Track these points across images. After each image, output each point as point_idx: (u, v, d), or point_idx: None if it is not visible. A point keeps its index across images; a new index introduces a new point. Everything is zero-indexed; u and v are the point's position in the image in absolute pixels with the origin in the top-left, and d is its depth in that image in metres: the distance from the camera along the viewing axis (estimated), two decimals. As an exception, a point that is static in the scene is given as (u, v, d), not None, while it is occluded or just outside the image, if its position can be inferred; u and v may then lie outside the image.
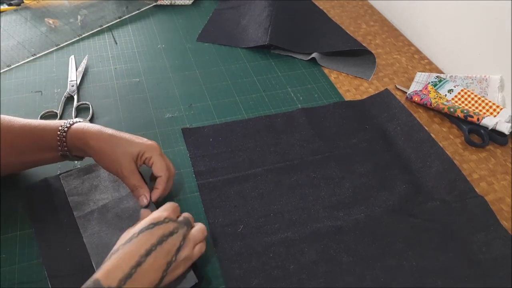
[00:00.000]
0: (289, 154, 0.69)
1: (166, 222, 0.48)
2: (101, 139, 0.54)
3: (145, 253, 0.44)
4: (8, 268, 0.51)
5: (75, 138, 0.54)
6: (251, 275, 0.53)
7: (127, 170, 0.54)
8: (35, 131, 0.54)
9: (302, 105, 0.79)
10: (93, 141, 0.53)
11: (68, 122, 0.55)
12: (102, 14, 0.97)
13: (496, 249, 0.57)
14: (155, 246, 0.45)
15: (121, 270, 0.42)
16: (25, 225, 0.56)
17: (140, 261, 0.44)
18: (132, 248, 0.45)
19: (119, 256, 0.44)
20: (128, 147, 0.54)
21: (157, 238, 0.46)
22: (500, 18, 0.76)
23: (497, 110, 0.77)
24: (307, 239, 0.57)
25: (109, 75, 0.82)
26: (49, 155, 0.56)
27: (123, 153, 0.53)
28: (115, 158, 0.53)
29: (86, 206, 0.57)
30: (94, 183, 0.60)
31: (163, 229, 0.47)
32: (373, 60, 0.91)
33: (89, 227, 0.55)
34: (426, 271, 0.55)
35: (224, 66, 0.87)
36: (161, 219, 0.48)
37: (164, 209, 0.50)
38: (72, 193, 0.58)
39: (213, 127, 0.72)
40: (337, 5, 1.12)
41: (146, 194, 0.55)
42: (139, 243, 0.45)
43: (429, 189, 0.65)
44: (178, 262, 0.47)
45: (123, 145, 0.54)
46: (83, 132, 0.54)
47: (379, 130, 0.75)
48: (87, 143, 0.54)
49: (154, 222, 0.47)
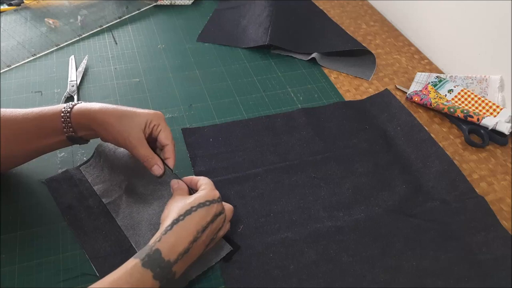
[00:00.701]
0: (289, 154, 0.69)
1: (218, 202, 0.50)
2: (106, 111, 0.53)
3: (202, 229, 0.46)
4: (8, 268, 0.51)
5: (79, 117, 0.53)
6: (251, 275, 0.53)
7: (136, 140, 0.53)
8: (38, 117, 0.54)
9: (302, 105, 0.79)
10: (98, 114, 0.53)
11: (70, 103, 0.55)
12: (102, 14, 0.97)
13: (496, 249, 0.57)
14: (208, 223, 0.47)
15: (181, 245, 0.44)
16: (25, 225, 0.56)
17: (197, 237, 0.46)
18: (192, 222, 0.46)
19: (180, 229, 0.45)
20: (134, 117, 0.54)
21: (211, 217, 0.48)
22: (500, 18, 0.76)
23: (497, 110, 0.77)
24: (307, 239, 0.57)
25: (109, 75, 0.82)
26: (54, 139, 0.55)
27: (130, 123, 0.53)
28: (122, 129, 0.52)
29: (113, 192, 0.59)
30: (111, 165, 0.61)
31: (216, 208, 0.49)
32: (373, 60, 0.91)
33: (120, 211, 0.57)
34: (426, 271, 0.55)
35: (224, 66, 0.87)
36: (215, 197, 0.49)
37: (213, 187, 0.52)
38: (96, 181, 0.60)
39: (213, 127, 0.72)
40: (337, 5, 1.12)
41: (159, 163, 0.54)
42: (198, 218, 0.47)
43: (429, 189, 0.65)
44: (216, 239, 0.50)
45: (129, 116, 0.53)
46: (87, 109, 0.54)
47: (379, 130, 0.75)
48: (93, 117, 0.53)
49: (210, 200, 0.49)
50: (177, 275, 0.45)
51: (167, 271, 0.43)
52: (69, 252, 0.54)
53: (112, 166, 0.61)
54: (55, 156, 0.64)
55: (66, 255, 0.53)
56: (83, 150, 0.66)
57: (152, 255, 0.43)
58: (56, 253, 0.53)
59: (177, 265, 0.44)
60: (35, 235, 0.55)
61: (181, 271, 0.45)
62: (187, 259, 0.45)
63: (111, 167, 0.61)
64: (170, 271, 0.43)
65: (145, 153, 0.53)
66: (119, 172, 0.61)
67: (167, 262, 0.43)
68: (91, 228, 0.55)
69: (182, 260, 0.44)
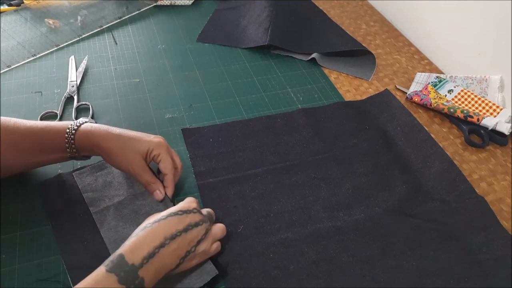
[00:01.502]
0: (289, 155, 0.69)
1: (194, 212, 0.49)
2: (109, 139, 0.54)
3: (170, 236, 0.46)
4: (8, 268, 0.51)
5: (83, 140, 0.55)
6: (251, 275, 0.53)
7: (138, 168, 0.55)
8: (42, 133, 0.55)
9: (302, 105, 0.79)
10: (102, 142, 0.54)
11: (75, 123, 0.55)
12: (102, 14, 0.97)
13: (496, 249, 0.57)
14: (180, 232, 0.47)
15: (145, 249, 0.44)
16: (25, 225, 0.56)
17: (164, 243, 0.45)
18: (159, 229, 0.46)
19: (145, 234, 0.45)
20: (137, 145, 0.55)
21: (184, 225, 0.47)
22: (500, 18, 0.76)
23: (497, 111, 0.77)
24: (307, 240, 0.57)
25: (109, 75, 0.82)
26: (55, 156, 0.56)
27: (132, 152, 0.55)
28: (125, 158, 0.55)
29: (101, 202, 0.58)
30: (108, 179, 0.61)
31: (191, 218, 0.48)
32: (373, 61, 0.91)
33: (106, 222, 0.56)
34: (426, 271, 0.55)
35: (224, 67, 0.87)
36: (190, 208, 0.49)
37: (192, 201, 0.52)
38: (87, 189, 0.59)
39: (213, 128, 0.72)
40: (337, 5, 1.12)
41: (160, 188, 0.57)
42: (166, 226, 0.46)
43: (429, 189, 0.65)
44: (196, 254, 0.48)
45: (131, 144, 0.55)
46: (91, 133, 0.55)
47: (379, 131, 0.75)
48: (97, 144, 0.54)
49: (183, 210, 0.49)
50: (148, 283, 0.43)
51: (133, 276, 0.42)
52: (69, 252, 0.54)
53: (109, 179, 0.61)
54: (55, 156, 0.64)
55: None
56: (83, 150, 0.66)
57: (115, 260, 0.43)
58: (56, 253, 0.53)
59: (144, 270, 0.43)
60: (35, 235, 0.55)
61: (151, 278, 0.44)
62: (156, 265, 0.44)
63: (106, 180, 0.61)
64: (137, 276, 0.42)
65: (148, 179, 0.56)
66: (114, 187, 0.60)
67: (131, 266, 0.42)
68: (74, 237, 0.54)
69: (149, 265, 0.43)
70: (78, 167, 0.62)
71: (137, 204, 0.58)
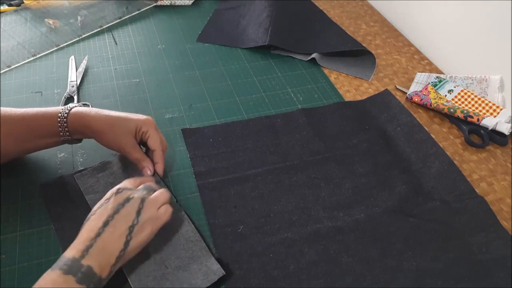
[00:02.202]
0: (289, 155, 0.69)
1: (120, 192, 0.50)
2: (99, 120, 0.56)
3: (102, 224, 0.47)
4: (8, 268, 0.51)
5: (75, 122, 0.56)
6: (251, 275, 0.53)
7: (128, 146, 0.57)
8: (35, 118, 0.56)
9: (302, 105, 0.79)
10: (92, 122, 0.56)
11: (66, 107, 0.57)
12: (102, 14, 0.97)
13: (496, 250, 0.57)
14: (111, 216, 0.48)
15: (82, 243, 0.45)
16: (25, 225, 0.56)
17: (99, 232, 0.46)
18: (91, 224, 0.47)
19: (80, 233, 0.47)
20: (126, 124, 0.57)
21: (112, 209, 0.48)
22: (500, 18, 0.77)
23: (497, 111, 0.77)
24: (307, 240, 0.57)
25: (109, 75, 0.82)
26: (49, 140, 0.58)
27: (122, 131, 0.57)
28: (115, 136, 0.57)
29: None
30: (109, 180, 0.61)
31: (118, 199, 0.49)
32: (373, 61, 0.91)
33: None
34: (426, 271, 0.55)
35: (224, 67, 0.87)
36: (113, 191, 0.50)
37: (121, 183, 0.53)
38: (89, 191, 0.59)
39: (213, 128, 0.72)
40: (337, 5, 1.12)
41: (149, 166, 0.58)
42: (96, 218, 0.48)
43: (429, 190, 0.65)
44: (142, 224, 0.49)
45: (121, 123, 0.57)
46: (82, 116, 0.56)
47: (379, 131, 0.75)
48: (88, 125, 0.56)
49: (108, 197, 0.50)
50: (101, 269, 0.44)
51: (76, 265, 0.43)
52: (69, 252, 0.54)
53: (110, 181, 0.61)
54: (55, 157, 0.64)
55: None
56: (83, 150, 0.66)
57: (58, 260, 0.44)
58: (56, 253, 0.53)
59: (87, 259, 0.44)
60: (35, 235, 0.55)
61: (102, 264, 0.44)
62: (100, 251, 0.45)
63: (108, 182, 0.61)
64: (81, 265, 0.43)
65: (138, 156, 0.58)
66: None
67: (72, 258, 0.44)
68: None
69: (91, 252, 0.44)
70: (80, 170, 0.62)
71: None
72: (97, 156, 0.64)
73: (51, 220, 0.56)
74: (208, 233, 0.57)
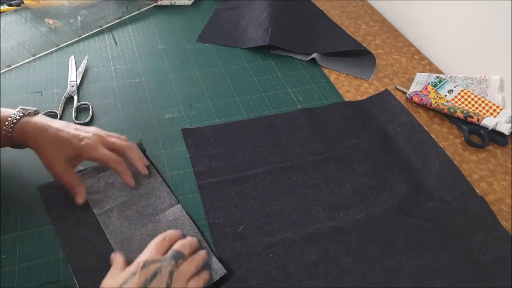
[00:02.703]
0: (289, 155, 0.69)
1: (146, 266, 0.47)
2: (38, 139, 0.55)
3: None
4: (8, 268, 0.51)
5: (18, 136, 0.56)
6: (251, 275, 0.53)
7: (59, 170, 0.56)
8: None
9: (302, 105, 0.79)
10: (31, 142, 0.56)
11: (15, 116, 0.56)
12: (102, 14, 0.97)
13: (496, 250, 0.57)
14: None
15: None
16: (25, 225, 0.56)
17: None
18: None
19: None
20: (61, 149, 0.56)
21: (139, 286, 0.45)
22: (500, 18, 0.76)
23: (497, 111, 0.77)
24: (307, 240, 0.57)
25: (109, 75, 0.82)
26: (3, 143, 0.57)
27: (56, 155, 0.55)
28: (48, 160, 0.56)
29: (105, 203, 0.58)
30: (110, 180, 0.61)
31: (145, 275, 0.46)
32: (373, 61, 0.91)
33: (110, 224, 0.56)
34: (426, 271, 0.55)
35: (224, 67, 0.87)
36: (140, 265, 0.47)
37: (148, 250, 0.50)
38: (89, 191, 0.59)
39: (213, 128, 0.72)
40: (337, 5, 1.12)
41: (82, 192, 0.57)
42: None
43: (429, 190, 0.65)
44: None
45: (57, 148, 0.56)
46: (24, 132, 0.56)
47: (379, 131, 0.75)
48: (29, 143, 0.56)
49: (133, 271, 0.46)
50: None
51: None
52: (69, 252, 0.54)
53: (111, 181, 0.61)
54: (55, 156, 0.64)
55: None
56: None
57: None
58: (56, 253, 0.53)
59: None
60: (35, 235, 0.55)
61: None
62: None
63: (109, 182, 0.61)
64: None
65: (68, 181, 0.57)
66: (117, 188, 0.60)
67: None
68: (78, 239, 0.54)
69: None
70: (80, 169, 0.62)
71: (141, 204, 0.59)
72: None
73: (51, 220, 0.56)
74: (208, 233, 0.57)
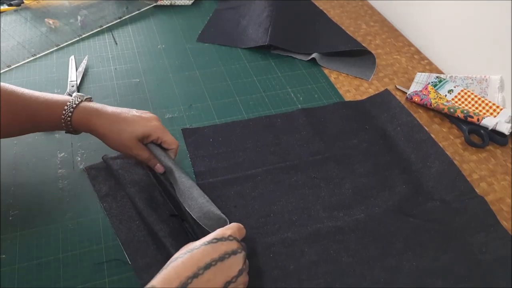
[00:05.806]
0: (289, 155, 0.69)
1: (230, 239, 0.46)
2: (104, 124, 0.55)
3: (204, 266, 0.43)
4: (8, 268, 0.51)
5: (78, 122, 0.55)
6: (251, 275, 0.53)
7: (135, 149, 0.57)
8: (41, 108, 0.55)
9: (302, 105, 0.79)
10: (97, 125, 0.55)
11: (73, 102, 0.55)
12: (102, 14, 0.97)
13: (496, 250, 0.57)
14: (215, 261, 0.44)
15: (177, 279, 0.41)
16: (25, 225, 0.56)
17: (198, 273, 0.42)
18: (192, 258, 0.43)
19: (177, 265, 0.43)
20: (131, 129, 0.56)
21: (219, 254, 0.44)
22: (500, 18, 0.76)
23: (497, 111, 0.77)
24: (307, 240, 0.57)
25: (109, 75, 0.82)
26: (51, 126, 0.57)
27: (128, 136, 0.55)
28: (121, 141, 0.56)
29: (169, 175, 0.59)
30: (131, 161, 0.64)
31: (226, 246, 0.45)
32: (373, 61, 0.91)
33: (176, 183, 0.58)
34: (426, 271, 0.55)
35: (224, 66, 0.87)
36: (225, 235, 0.46)
37: (229, 227, 0.49)
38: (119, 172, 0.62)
39: (213, 128, 0.72)
40: (337, 5, 1.12)
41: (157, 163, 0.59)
42: (199, 255, 0.44)
43: (429, 189, 0.65)
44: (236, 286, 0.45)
45: (127, 129, 0.55)
46: (87, 117, 0.55)
47: (379, 131, 0.75)
48: (91, 128, 0.55)
49: (218, 238, 0.45)
50: None
51: None
52: (69, 252, 0.54)
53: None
54: (55, 156, 0.64)
55: (66, 255, 0.53)
56: (83, 150, 0.66)
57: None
58: (56, 253, 0.53)
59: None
60: (35, 235, 0.55)
61: None
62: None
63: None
64: None
65: (145, 156, 0.58)
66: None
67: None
68: (126, 217, 0.57)
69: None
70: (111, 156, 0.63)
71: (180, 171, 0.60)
72: (97, 156, 0.64)
73: (99, 199, 0.59)
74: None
